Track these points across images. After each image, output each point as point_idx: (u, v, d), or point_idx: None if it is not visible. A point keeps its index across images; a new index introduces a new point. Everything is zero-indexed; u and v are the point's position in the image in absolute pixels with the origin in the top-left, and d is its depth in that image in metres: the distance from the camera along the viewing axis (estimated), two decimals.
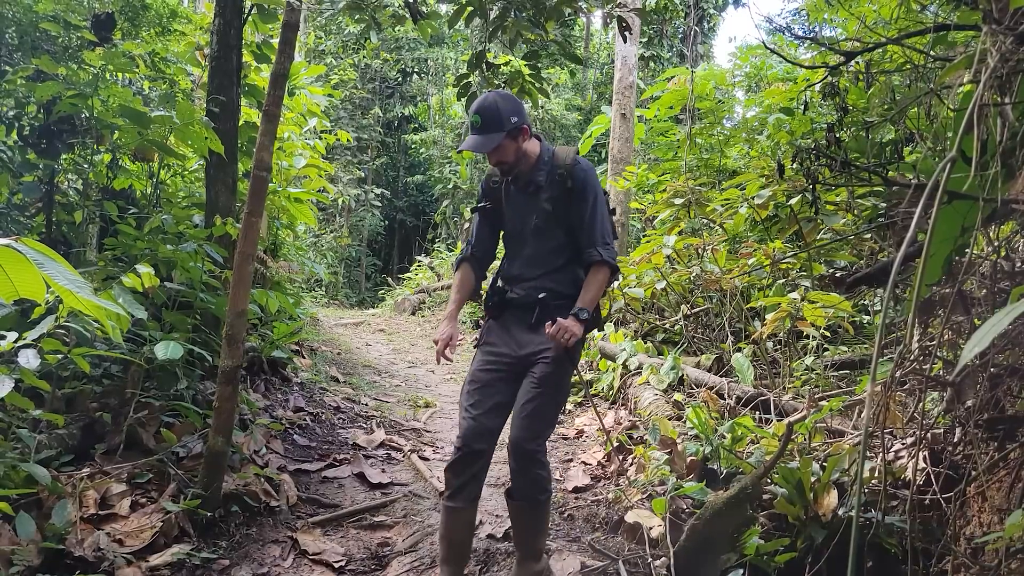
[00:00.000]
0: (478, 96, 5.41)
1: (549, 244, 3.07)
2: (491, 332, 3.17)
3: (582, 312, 2.95)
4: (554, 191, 3.02)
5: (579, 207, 3.02)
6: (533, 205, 3.06)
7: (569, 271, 3.09)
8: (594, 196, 3.03)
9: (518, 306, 3.10)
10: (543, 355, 2.97)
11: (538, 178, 3.05)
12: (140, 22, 5.87)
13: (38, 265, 1.56)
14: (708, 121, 9.46)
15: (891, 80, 3.70)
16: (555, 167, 3.05)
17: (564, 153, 3.10)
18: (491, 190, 3.21)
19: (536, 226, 3.06)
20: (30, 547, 2.99)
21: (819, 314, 4.89)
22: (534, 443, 2.94)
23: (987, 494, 2.45)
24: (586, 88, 22.19)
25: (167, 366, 4.20)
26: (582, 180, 3.02)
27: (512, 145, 2.95)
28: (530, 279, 3.09)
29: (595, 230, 3.02)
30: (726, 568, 3.01)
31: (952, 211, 1.81)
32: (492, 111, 2.88)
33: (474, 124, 2.90)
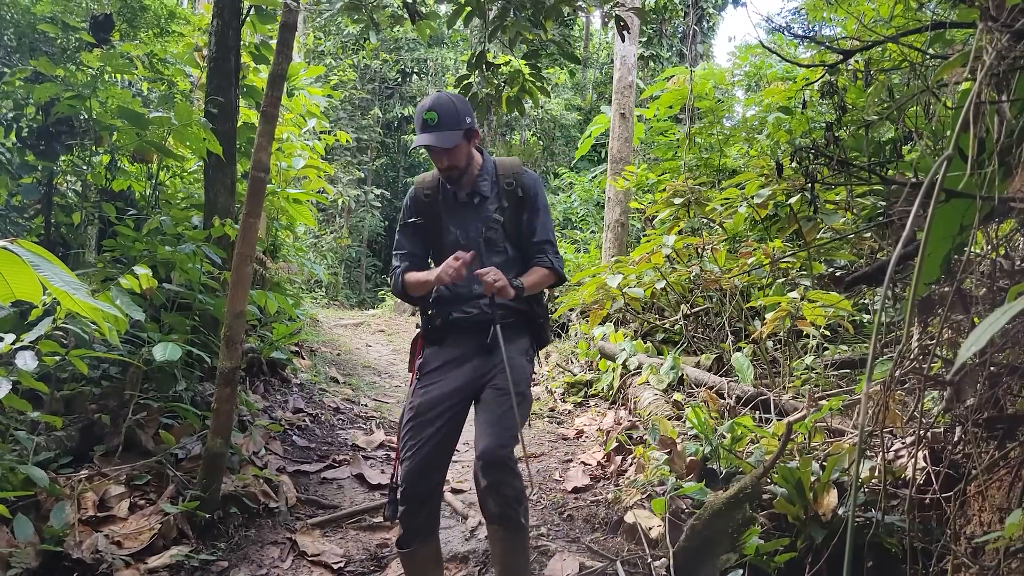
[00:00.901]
0: (479, 97, 5.46)
1: (499, 258, 2.86)
2: (435, 359, 2.88)
3: (516, 281, 2.78)
4: (503, 200, 2.87)
5: (531, 217, 2.89)
6: (479, 216, 2.87)
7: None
8: (544, 206, 2.93)
9: (466, 328, 2.86)
10: (501, 368, 2.73)
11: (482, 187, 2.88)
12: (138, 23, 5.87)
13: (34, 267, 1.56)
14: (707, 120, 9.45)
15: (890, 79, 3.69)
16: (501, 176, 2.89)
17: (509, 163, 2.95)
18: (423, 203, 2.95)
19: (487, 238, 2.85)
20: (28, 549, 2.99)
21: (819, 313, 4.88)
22: (507, 449, 2.68)
23: (987, 493, 2.44)
24: (586, 88, 22.19)
25: (166, 367, 4.20)
26: (533, 189, 2.90)
27: (466, 148, 2.79)
28: (479, 296, 2.82)
29: (547, 240, 2.92)
30: (726, 568, 3.00)
31: (950, 209, 1.80)
32: (449, 108, 2.70)
33: (428, 121, 2.68)
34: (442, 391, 2.80)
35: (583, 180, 17.98)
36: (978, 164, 1.50)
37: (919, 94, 2.27)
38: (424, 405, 2.78)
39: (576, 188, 18.16)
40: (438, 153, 2.74)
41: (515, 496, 2.68)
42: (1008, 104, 1.48)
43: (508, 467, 2.66)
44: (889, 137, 5.23)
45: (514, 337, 2.86)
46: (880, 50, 3.74)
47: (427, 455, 2.73)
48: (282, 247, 8.16)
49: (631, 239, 11.72)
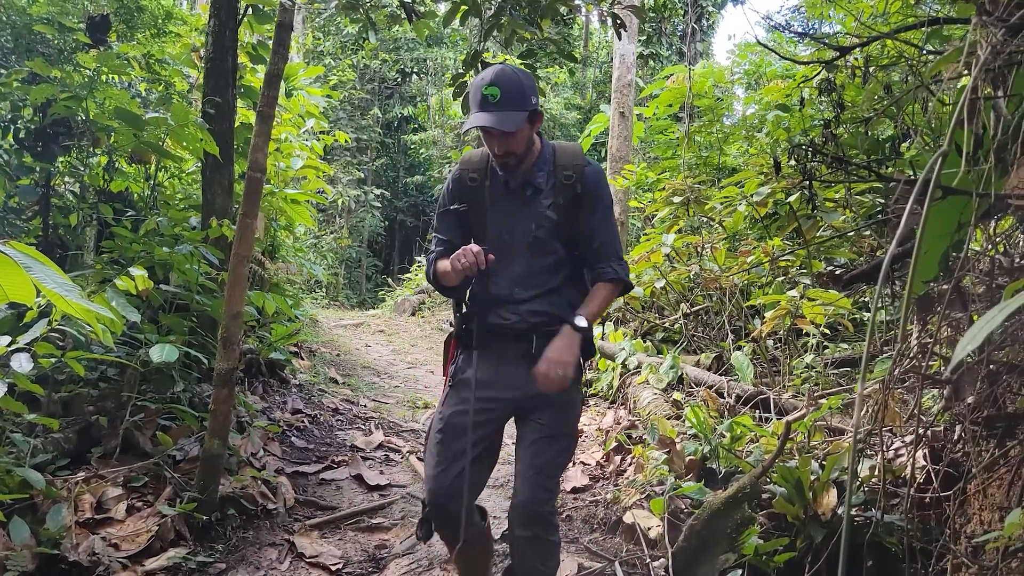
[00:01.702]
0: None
1: (547, 260, 2.53)
2: (473, 365, 2.52)
3: (579, 320, 2.43)
4: (558, 196, 2.49)
5: (589, 217, 2.52)
6: (530, 211, 2.51)
7: (567, 292, 2.57)
8: (606, 204, 2.57)
9: (506, 335, 2.54)
10: (550, 400, 2.46)
11: (537, 179, 2.51)
12: (135, 24, 5.86)
13: (26, 269, 1.55)
14: (707, 119, 9.44)
15: (888, 75, 3.68)
16: (559, 167, 2.52)
17: (571, 152, 2.57)
18: (468, 190, 2.58)
19: (536, 237, 2.49)
20: (25, 552, 2.98)
21: (819, 312, 4.87)
22: (549, 504, 2.44)
23: (987, 492, 2.43)
24: (585, 87, 22.18)
25: (163, 369, 4.18)
26: (595, 185, 2.52)
27: (528, 132, 2.42)
28: (521, 301, 2.51)
29: (609, 244, 2.55)
30: (725, 568, 2.99)
31: (947, 207, 1.79)
32: (515, 84, 2.32)
33: (489, 97, 2.30)
34: (478, 403, 2.47)
35: None
36: (975, 160, 1.49)
37: (915, 90, 2.26)
38: (455, 418, 2.50)
39: None
40: (496, 137, 2.36)
41: (550, 550, 2.48)
42: (1005, 100, 1.46)
43: (548, 522, 2.45)
44: (888, 134, 5.22)
45: None
46: (879, 47, 3.73)
47: (457, 477, 2.44)
48: (281, 247, 8.15)
49: (631, 238, 11.71)
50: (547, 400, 2.45)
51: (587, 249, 2.55)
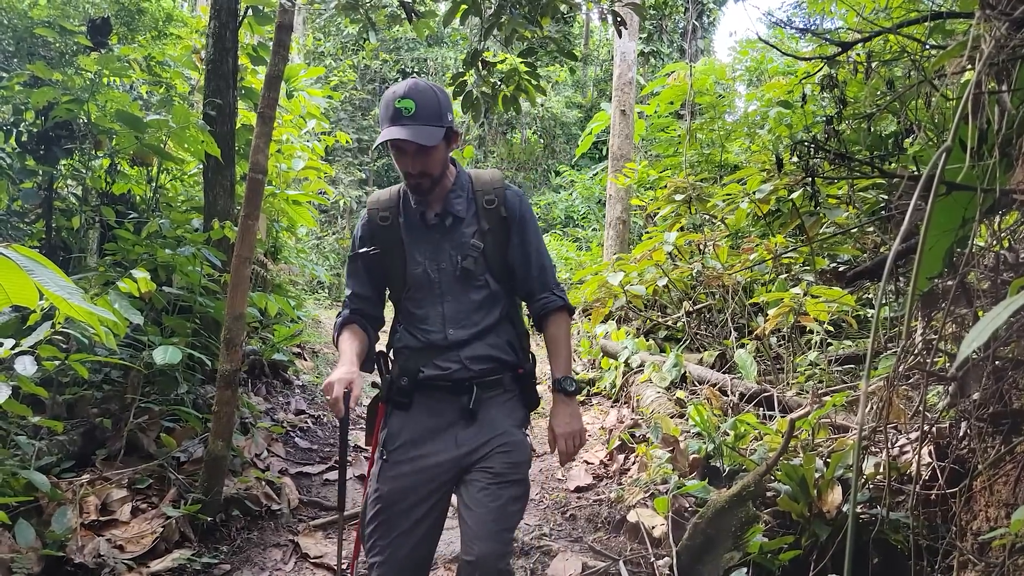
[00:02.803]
0: (474, 96, 5.43)
1: (479, 294, 2.29)
2: (404, 431, 2.26)
3: (568, 383, 2.32)
4: (483, 222, 2.29)
5: (521, 242, 2.33)
6: (454, 242, 2.28)
7: (504, 331, 2.34)
8: (535, 227, 2.38)
9: (440, 388, 2.26)
10: (498, 446, 2.23)
11: (455, 207, 2.29)
12: (136, 26, 5.86)
13: (29, 272, 1.54)
14: (708, 116, 9.43)
15: (891, 71, 3.67)
16: (479, 193, 2.32)
17: (488, 176, 2.39)
18: (380, 230, 2.34)
19: (464, 269, 2.26)
20: (30, 554, 2.98)
21: (822, 309, 4.86)
22: (506, 559, 2.18)
23: (993, 489, 2.42)
24: (586, 85, 22.17)
25: (167, 371, 4.19)
26: (519, 208, 2.34)
27: (443, 152, 2.22)
28: (459, 344, 2.26)
29: (545, 270, 2.38)
30: (729, 567, 2.98)
31: (951, 202, 1.78)
32: (430, 98, 2.13)
33: (403, 111, 2.10)
34: (417, 475, 2.21)
35: (584, 178, 17.97)
36: (979, 156, 1.48)
37: (917, 85, 2.25)
38: (394, 494, 2.20)
39: (577, 186, 18.15)
40: (410, 155, 2.15)
41: None
42: (1009, 94, 1.45)
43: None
44: (891, 130, 5.20)
45: (503, 399, 2.31)
46: (882, 42, 3.72)
47: (402, 562, 2.19)
48: (283, 249, 8.15)
49: (633, 236, 11.70)
50: (493, 448, 2.22)
51: (525, 277, 2.36)
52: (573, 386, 2.33)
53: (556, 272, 2.45)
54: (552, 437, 2.33)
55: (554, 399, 2.35)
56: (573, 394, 2.33)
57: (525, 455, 2.29)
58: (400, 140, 2.10)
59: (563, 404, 2.32)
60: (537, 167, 21.04)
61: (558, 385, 2.32)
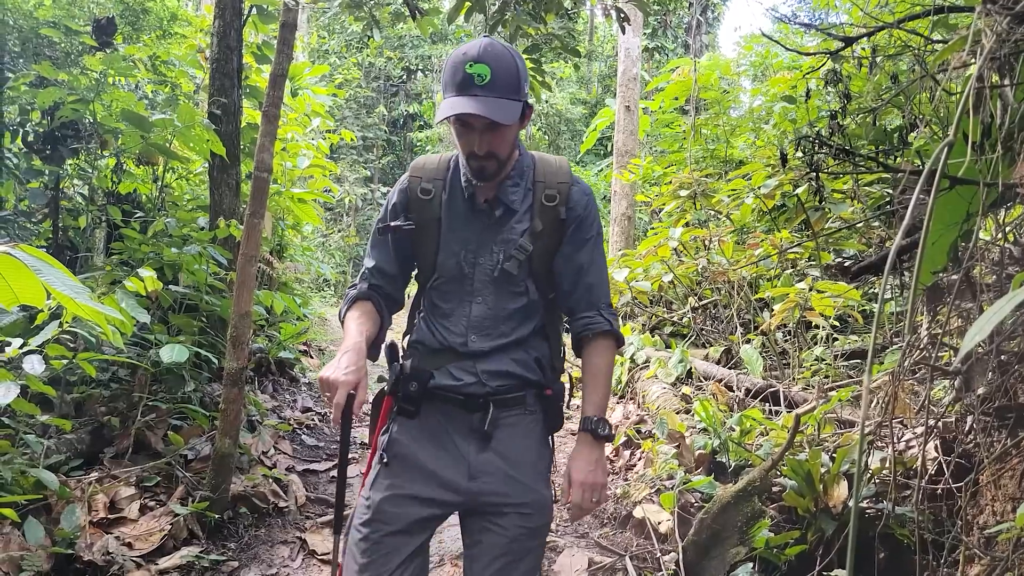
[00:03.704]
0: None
1: (515, 302, 1.96)
2: (407, 440, 1.94)
3: (601, 426, 1.93)
4: (537, 221, 1.93)
5: (576, 250, 1.97)
6: (499, 237, 1.93)
7: (536, 346, 2.01)
8: (597, 235, 2.02)
9: (455, 402, 1.94)
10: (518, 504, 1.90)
11: (511, 196, 1.94)
12: (141, 26, 5.88)
13: (36, 271, 1.56)
14: (713, 111, 9.41)
15: (895, 65, 3.66)
16: (540, 184, 1.96)
17: (555, 166, 2.00)
18: (419, 204, 1.98)
19: (504, 271, 1.92)
20: (39, 552, 3.00)
21: (828, 304, 4.85)
22: None
23: (999, 483, 2.42)
24: (590, 81, 22.14)
25: (174, 369, 4.21)
26: (584, 210, 1.97)
27: (516, 129, 1.86)
28: (478, 355, 1.94)
29: (599, 286, 2.02)
30: (735, 562, 2.98)
31: (955, 197, 1.78)
32: (508, 65, 1.76)
33: (475, 78, 1.72)
34: (416, 492, 1.89)
35: (589, 174, 17.96)
36: (983, 150, 1.48)
37: (919, 79, 2.25)
38: (389, 507, 1.87)
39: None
40: (478, 133, 1.78)
41: None
42: (1012, 88, 1.45)
43: None
44: (896, 124, 5.19)
45: (524, 423, 1.98)
46: (887, 36, 3.71)
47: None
48: (289, 247, 8.18)
49: (638, 232, 11.70)
50: (512, 503, 1.89)
51: (570, 290, 2.00)
52: (606, 430, 1.94)
53: (609, 293, 2.07)
54: (568, 484, 1.94)
55: (579, 440, 1.96)
56: (603, 439, 1.95)
57: (546, 517, 1.98)
58: (471, 116, 1.73)
59: (588, 448, 1.94)
60: None
61: (588, 425, 1.94)
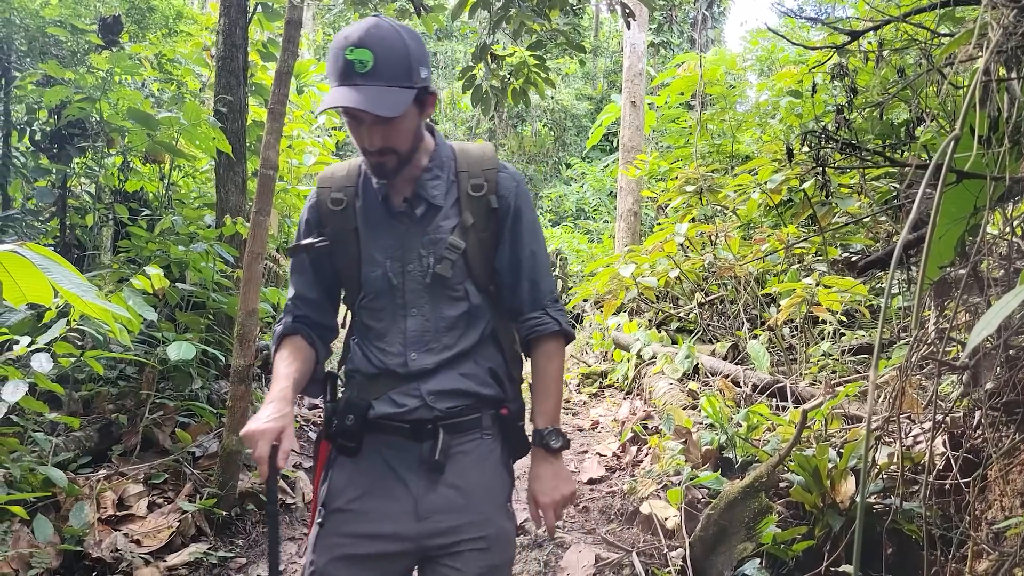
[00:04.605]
0: (484, 89, 5.42)
1: (453, 309, 1.74)
2: (349, 486, 1.71)
3: (553, 437, 1.75)
4: (466, 214, 1.73)
5: (514, 243, 1.77)
6: (425, 238, 1.72)
7: (487, 354, 1.78)
8: (532, 224, 1.81)
9: (400, 432, 1.71)
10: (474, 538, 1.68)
11: (432, 190, 1.73)
12: (147, 24, 5.89)
13: (43, 270, 1.57)
14: (719, 106, 9.39)
15: (902, 59, 3.64)
16: (464, 174, 1.75)
17: (477, 152, 1.80)
18: (331, 216, 1.77)
19: (436, 275, 1.70)
20: (48, 549, 3.02)
21: (835, 299, 4.84)
22: None
23: (1008, 478, 2.41)
24: (596, 77, 22.10)
25: (181, 367, 4.22)
26: (514, 196, 1.77)
27: (415, 120, 1.65)
28: (421, 374, 1.71)
29: (540, 281, 1.80)
30: (742, 558, 2.98)
31: (962, 191, 1.77)
32: (395, 47, 1.55)
33: (356, 65, 1.52)
34: (360, 550, 1.66)
35: (595, 170, 17.95)
36: (989, 144, 1.47)
37: (926, 73, 2.24)
38: (333, 571, 1.66)
39: (588, 178, 18.13)
40: (367, 126, 1.59)
41: None
42: (1019, 82, 1.44)
43: None
44: (903, 118, 5.16)
45: (481, 449, 1.75)
46: (893, 30, 3.69)
47: None
48: None
49: (644, 228, 11.68)
50: (468, 539, 1.67)
51: (512, 289, 1.79)
52: (559, 442, 1.75)
53: (554, 285, 1.87)
54: (535, 509, 1.77)
55: (534, 456, 1.78)
56: (558, 451, 1.76)
57: (508, 552, 1.77)
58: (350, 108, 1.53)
59: (546, 464, 1.76)
60: (548, 160, 21.02)
61: (539, 439, 1.75)
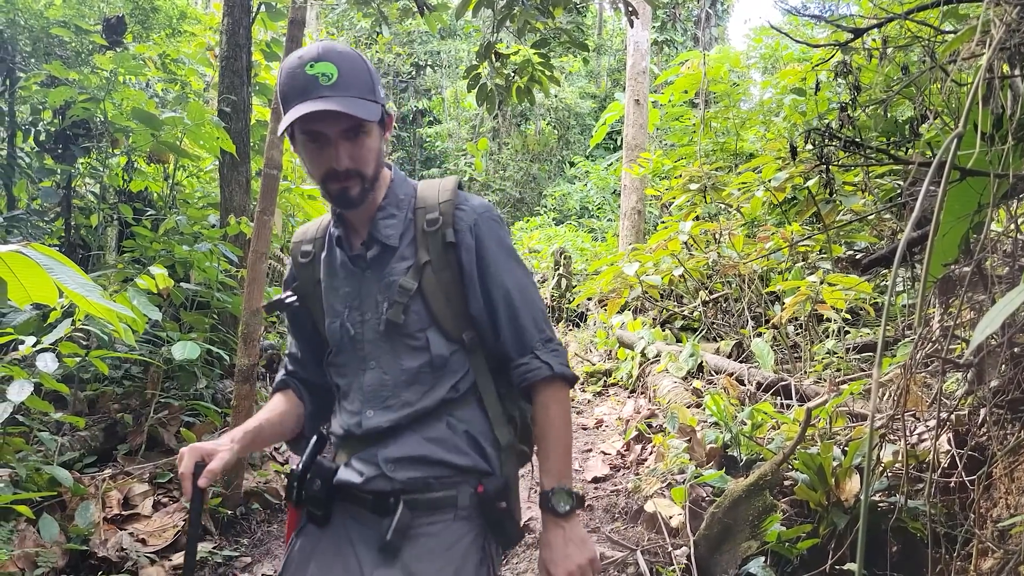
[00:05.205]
0: (488, 88, 5.42)
1: (411, 360, 1.55)
2: (310, 559, 1.56)
3: (561, 499, 1.52)
4: (420, 252, 1.56)
5: (482, 279, 1.57)
6: (379, 282, 1.57)
7: (464, 414, 1.57)
8: (507, 253, 1.60)
9: (360, 503, 1.55)
10: None
11: (383, 229, 1.57)
12: (151, 24, 5.90)
13: (48, 270, 1.58)
14: (723, 104, 9.37)
15: (905, 56, 3.63)
16: (420, 211, 1.59)
17: (435, 186, 1.64)
18: (301, 269, 1.70)
19: (389, 322, 1.54)
20: (54, 548, 3.03)
21: (839, 297, 4.83)
22: None
23: (1013, 476, 2.41)
24: (600, 75, 22.08)
25: (186, 366, 4.24)
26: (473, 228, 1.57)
27: (378, 140, 1.53)
28: (377, 437, 1.54)
29: (526, 319, 1.57)
30: (747, 556, 2.98)
31: (966, 188, 1.76)
32: (355, 63, 1.47)
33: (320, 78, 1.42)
34: None
35: (599, 168, 17.93)
36: (993, 141, 1.47)
37: (930, 70, 2.23)
38: None
39: (592, 176, 18.12)
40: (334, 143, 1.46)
41: None
42: (1022, 79, 1.44)
43: None
44: (907, 116, 5.15)
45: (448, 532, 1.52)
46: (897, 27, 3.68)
47: None
48: None
49: (648, 226, 11.67)
50: None
51: (493, 334, 1.58)
52: (568, 504, 1.52)
53: (544, 321, 1.61)
54: None
55: (544, 522, 1.55)
56: (569, 514, 1.52)
57: None
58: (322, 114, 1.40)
59: (556, 529, 1.52)
60: (552, 158, 21.01)
61: (546, 502, 1.53)
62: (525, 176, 19.99)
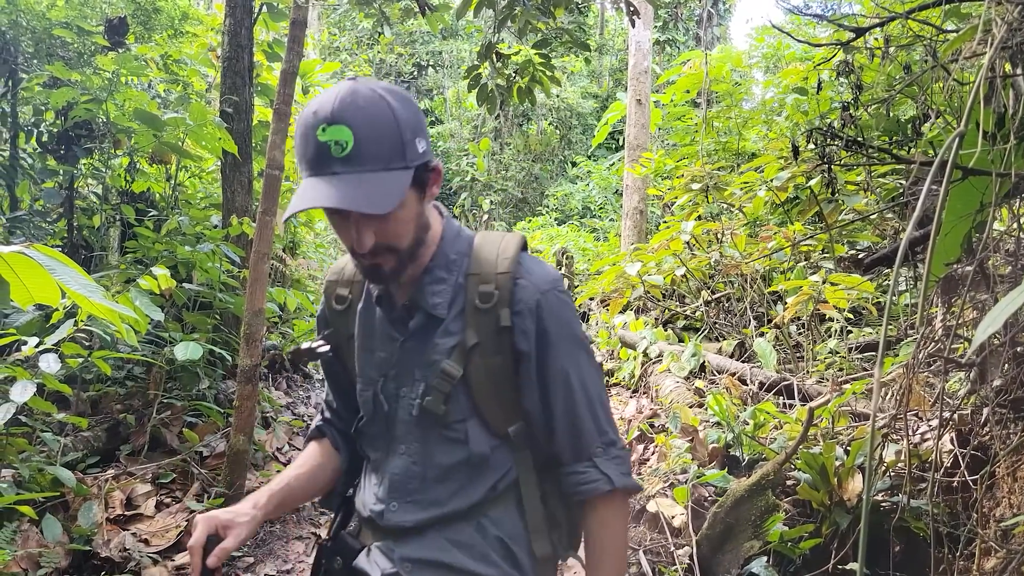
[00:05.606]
0: (489, 88, 5.42)
1: (448, 454, 1.35)
2: None
3: None
4: (468, 334, 1.32)
5: (541, 373, 1.33)
6: (419, 355, 1.35)
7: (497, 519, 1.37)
8: (571, 341, 1.35)
9: None
10: None
11: (429, 297, 1.34)
12: (152, 25, 5.91)
13: (50, 271, 1.58)
14: (725, 104, 9.37)
15: (907, 55, 3.63)
16: (472, 277, 1.34)
17: (496, 247, 1.36)
18: (335, 316, 1.48)
19: (423, 409, 1.33)
20: (57, 549, 3.04)
21: (841, 296, 4.82)
22: None
23: (1016, 475, 2.40)
24: (602, 75, 22.07)
25: (188, 366, 4.24)
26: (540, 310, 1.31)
27: (416, 207, 1.27)
28: (398, 532, 1.37)
29: (587, 421, 1.35)
30: (749, 556, 2.98)
31: (968, 187, 1.76)
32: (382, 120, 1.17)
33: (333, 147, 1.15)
34: None
35: (601, 168, 17.92)
36: (995, 140, 1.47)
37: (931, 70, 2.23)
38: None
39: (594, 176, 18.11)
40: (355, 222, 1.22)
41: None
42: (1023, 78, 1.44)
43: None
44: (909, 115, 5.15)
45: None
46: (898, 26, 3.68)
47: None
48: (301, 243, 8.21)
49: (650, 226, 11.66)
50: None
51: (550, 435, 1.36)
52: None
53: (608, 422, 1.38)
54: None
55: None
56: None
57: None
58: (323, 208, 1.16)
59: None
60: (553, 158, 21.00)
61: None
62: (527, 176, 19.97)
